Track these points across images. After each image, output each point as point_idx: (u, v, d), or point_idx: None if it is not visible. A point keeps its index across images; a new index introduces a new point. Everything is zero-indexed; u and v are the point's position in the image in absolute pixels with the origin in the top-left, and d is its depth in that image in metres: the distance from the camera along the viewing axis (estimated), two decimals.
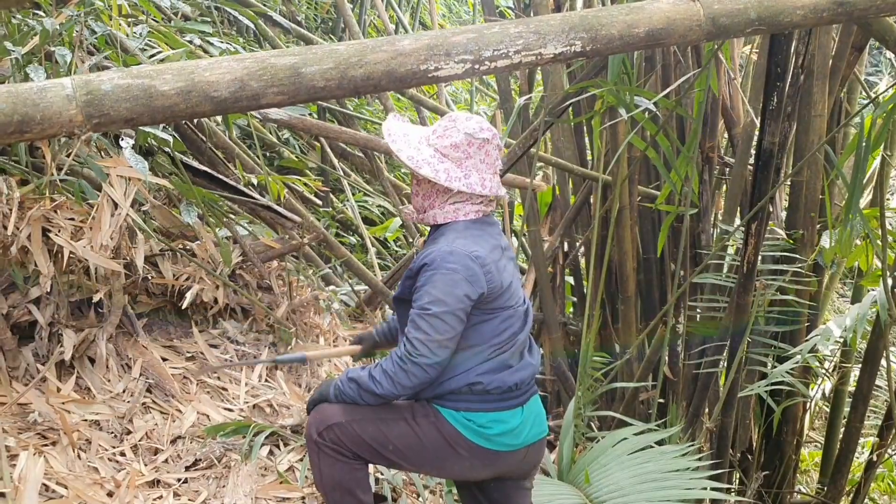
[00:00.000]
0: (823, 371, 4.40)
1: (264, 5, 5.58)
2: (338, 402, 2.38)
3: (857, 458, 4.87)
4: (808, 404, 4.58)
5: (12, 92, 1.66)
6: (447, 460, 2.38)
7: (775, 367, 3.92)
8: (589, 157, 5.02)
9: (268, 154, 5.84)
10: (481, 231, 2.36)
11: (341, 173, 6.37)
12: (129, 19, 3.95)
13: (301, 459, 3.26)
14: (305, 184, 4.85)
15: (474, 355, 2.33)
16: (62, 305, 3.31)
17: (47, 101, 1.67)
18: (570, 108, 4.19)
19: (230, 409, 3.53)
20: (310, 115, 5.06)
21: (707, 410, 4.33)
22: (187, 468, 3.12)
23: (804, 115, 3.96)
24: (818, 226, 4.24)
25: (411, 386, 2.27)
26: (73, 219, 3.29)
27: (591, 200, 4.79)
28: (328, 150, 6.17)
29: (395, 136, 2.34)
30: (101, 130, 1.75)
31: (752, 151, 4.36)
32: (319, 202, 6.09)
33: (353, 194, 6.38)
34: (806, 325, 4.27)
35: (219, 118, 4.17)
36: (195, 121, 4.04)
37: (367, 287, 5.13)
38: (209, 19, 4.85)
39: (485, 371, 2.33)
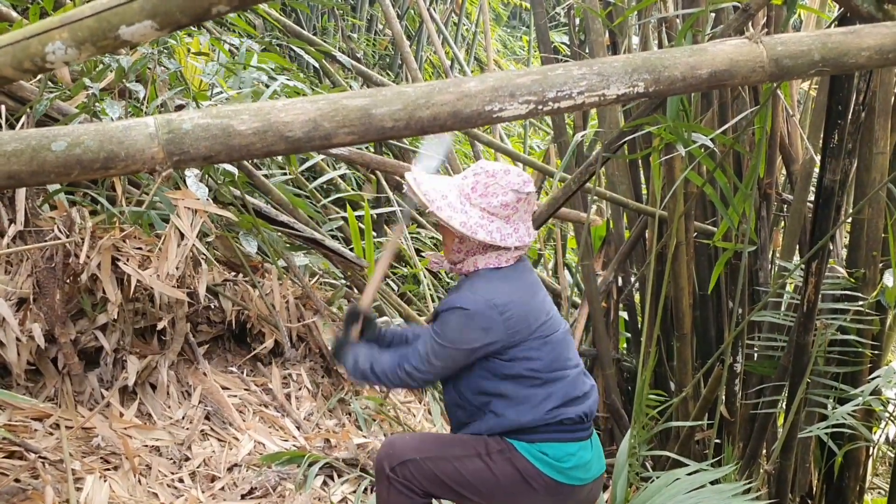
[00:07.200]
0: (887, 414, 4.27)
1: (326, 43, 5.71)
2: (341, 362, 2.52)
3: None
4: (871, 449, 4.45)
5: (100, 130, 1.74)
6: (520, 496, 2.39)
7: (836, 408, 3.84)
8: (644, 192, 5.00)
9: (325, 186, 5.94)
10: (513, 272, 2.39)
11: (396, 205, 6.43)
12: (200, 56, 4.07)
13: (354, 491, 3.28)
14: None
15: (543, 385, 2.36)
16: (127, 332, 3.40)
17: (131, 139, 1.74)
18: (626, 144, 4.19)
19: (286, 439, 3.58)
20: (366, 148, 5.15)
21: (765, 452, 4.24)
22: (243, 496, 3.16)
23: (865, 153, 3.90)
24: (880, 265, 4.16)
25: (389, 384, 2.43)
26: (140, 248, 3.39)
27: (647, 235, 4.76)
28: (384, 182, 6.25)
29: (433, 196, 2.31)
30: (180, 167, 1.82)
31: (812, 188, 4.31)
32: (374, 234, 6.15)
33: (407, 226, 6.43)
34: (868, 366, 4.17)
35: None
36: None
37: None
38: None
39: (559, 404, 2.36)
